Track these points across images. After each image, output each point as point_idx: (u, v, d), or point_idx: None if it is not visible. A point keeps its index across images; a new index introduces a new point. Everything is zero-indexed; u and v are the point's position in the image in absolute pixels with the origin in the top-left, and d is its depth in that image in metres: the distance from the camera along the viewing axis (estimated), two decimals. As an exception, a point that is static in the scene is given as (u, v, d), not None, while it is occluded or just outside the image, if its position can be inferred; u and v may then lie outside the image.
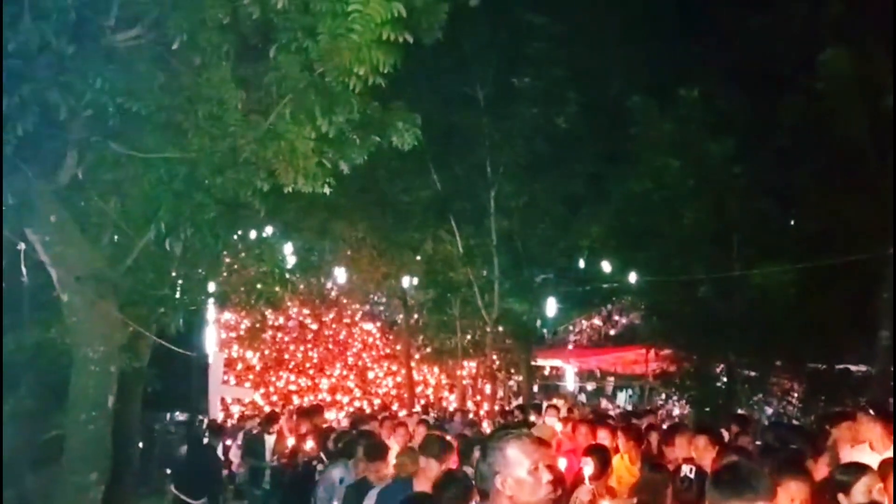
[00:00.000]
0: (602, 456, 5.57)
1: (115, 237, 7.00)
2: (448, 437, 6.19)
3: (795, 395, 18.01)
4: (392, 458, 5.98)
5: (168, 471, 13.03)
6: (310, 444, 8.91)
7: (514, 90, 17.72)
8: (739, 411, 15.28)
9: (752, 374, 17.55)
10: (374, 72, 6.39)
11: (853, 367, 16.11)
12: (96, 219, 6.88)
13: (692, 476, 4.15)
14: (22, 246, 6.34)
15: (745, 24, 14.97)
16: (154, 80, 5.97)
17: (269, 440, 11.01)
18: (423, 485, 4.79)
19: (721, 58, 15.35)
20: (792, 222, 16.22)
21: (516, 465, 2.66)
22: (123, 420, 8.34)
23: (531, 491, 2.63)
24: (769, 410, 17.87)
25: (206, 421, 15.64)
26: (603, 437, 7.33)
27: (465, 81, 17.93)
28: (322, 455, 8.48)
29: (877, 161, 13.28)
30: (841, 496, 4.08)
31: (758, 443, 6.87)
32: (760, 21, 14.81)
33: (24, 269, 6.93)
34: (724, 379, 17.30)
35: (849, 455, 5.33)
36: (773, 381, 17.90)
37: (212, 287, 8.92)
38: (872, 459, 4.87)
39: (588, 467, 5.00)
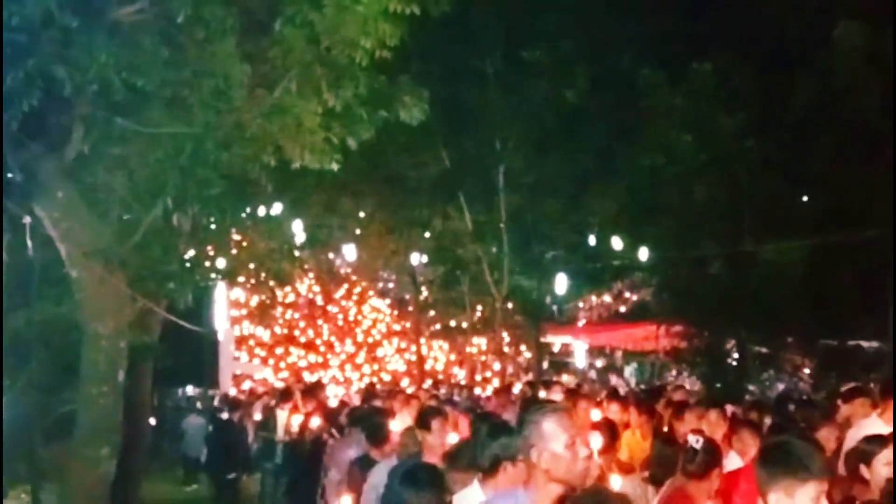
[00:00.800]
0: (611, 430, 5.55)
1: (123, 213, 7.00)
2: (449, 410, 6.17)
3: (807, 371, 17.98)
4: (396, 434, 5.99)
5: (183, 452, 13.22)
6: (316, 421, 8.94)
7: (524, 64, 17.53)
8: (750, 387, 15.31)
9: (764, 350, 17.53)
10: (381, 45, 6.34)
11: (865, 343, 16.06)
12: (103, 194, 6.86)
13: (698, 447, 4.13)
14: (28, 220, 6.35)
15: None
16: (159, 55, 5.93)
17: (282, 415, 11.09)
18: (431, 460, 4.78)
19: (734, 31, 15.16)
20: (804, 198, 16.07)
21: (553, 439, 2.65)
22: (134, 395, 8.39)
23: (567, 466, 2.64)
24: (780, 387, 17.84)
25: (216, 396, 15.79)
26: (613, 411, 7.33)
27: (473, 55, 17.73)
28: (332, 430, 8.51)
29: (889, 137, 13.12)
30: (862, 467, 4.07)
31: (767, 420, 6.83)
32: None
33: (31, 246, 6.94)
34: (735, 355, 17.28)
35: (861, 428, 5.31)
36: (784, 358, 17.87)
37: (221, 263, 8.93)
38: (884, 430, 4.86)
39: (596, 441, 4.99)
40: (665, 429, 7.06)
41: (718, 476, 4.17)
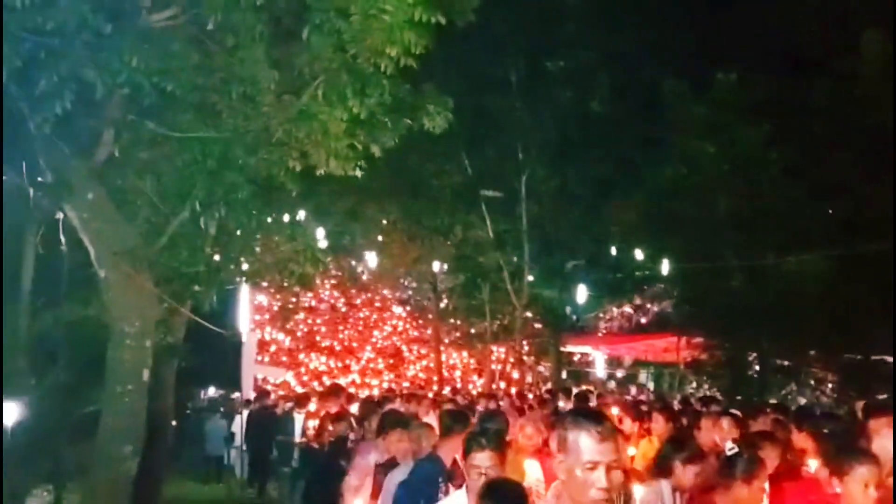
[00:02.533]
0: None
1: (151, 215, 7.12)
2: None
3: (829, 385, 17.77)
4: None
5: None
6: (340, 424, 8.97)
7: (547, 73, 17.60)
8: (772, 401, 15.14)
9: (785, 363, 17.36)
10: (406, 53, 6.41)
11: (888, 358, 15.84)
12: (132, 196, 6.99)
13: (730, 454, 4.12)
14: (60, 215, 6.48)
15: (781, 7, 14.69)
16: (189, 61, 6.04)
17: (299, 419, 11.19)
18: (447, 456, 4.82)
19: (757, 41, 15.11)
20: (828, 209, 15.96)
21: (574, 454, 2.35)
22: (157, 395, 8.50)
23: (577, 489, 2.34)
24: (802, 400, 17.66)
25: (239, 398, 15.92)
26: (627, 423, 7.31)
27: (497, 64, 17.82)
28: (353, 435, 8.54)
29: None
30: None
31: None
32: (799, 3, 14.52)
33: (64, 246, 7.08)
34: (757, 368, 17.12)
35: (886, 441, 5.26)
36: (806, 371, 17.68)
37: (245, 266, 9.03)
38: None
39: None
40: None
41: (759, 486, 4.05)
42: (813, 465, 5.17)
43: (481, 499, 3.09)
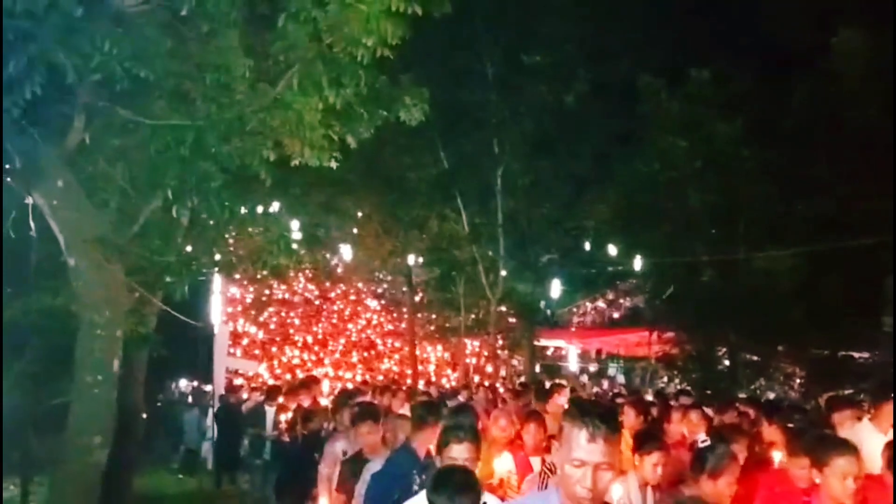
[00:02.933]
0: None
1: (122, 203, 7.01)
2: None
3: (798, 380, 18.05)
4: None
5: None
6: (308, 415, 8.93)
7: (523, 67, 17.63)
8: (741, 395, 15.33)
9: (755, 358, 17.59)
10: (383, 44, 6.37)
11: (856, 354, 16.13)
12: (103, 184, 6.87)
13: (702, 447, 4.16)
14: (30, 203, 6.36)
15: (757, 4, 14.85)
16: (162, 46, 5.94)
17: (270, 412, 11.12)
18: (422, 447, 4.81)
19: (732, 38, 15.26)
20: (798, 206, 16.19)
21: (565, 448, 2.30)
22: (128, 386, 8.39)
23: (565, 483, 2.28)
24: (771, 395, 17.93)
25: (212, 390, 15.81)
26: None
27: (474, 57, 17.84)
28: (326, 426, 8.51)
29: (889, 144, 13.20)
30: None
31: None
32: (773, 1, 14.68)
33: (32, 234, 6.95)
34: (727, 362, 17.34)
35: (849, 432, 5.35)
36: (775, 366, 17.94)
37: (218, 257, 8.95)
38: (874, 436, 4.92)
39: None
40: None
41: (728, 481, 4.01)
42: (777, 456, 5.26)
43: (433, 489, 3.05)
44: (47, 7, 5.02)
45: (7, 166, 6.50)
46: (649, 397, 12.17)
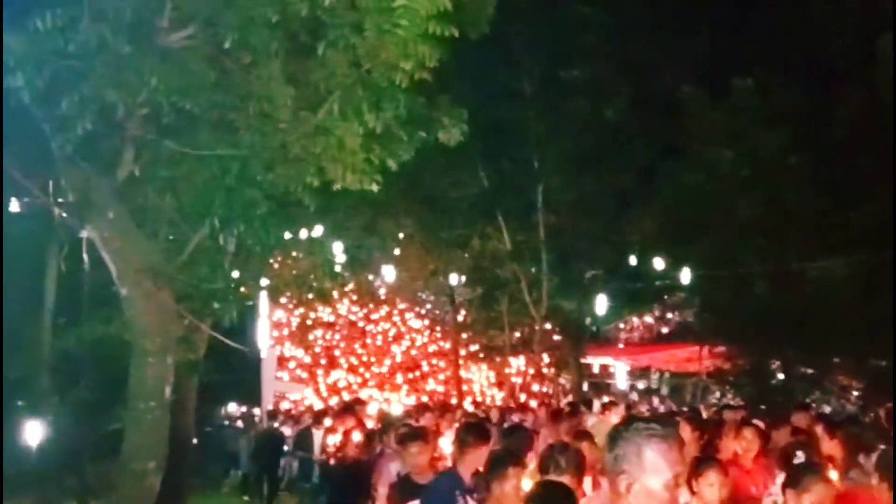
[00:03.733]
0: None
1: (171, 232, 7.17)
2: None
3: (854, 392, 17.52)
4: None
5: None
6: (356, 438, 8.96)
7: (562, 83, 17.58)
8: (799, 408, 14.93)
9: (810, 371, 17.14)
10: (421, 67, 6.42)
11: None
12: (152, 214, 7.05)
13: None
14: (83, 236, 6.54)
15: (801, 12, 14.60)
16: (206, 79, 6.09)
17: (318, 435, 11.18)
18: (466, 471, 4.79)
19: (775, 47, 15.02)
20: (850, 215, 15.77)
21: (652, 472, 2.17)
22: (179, 411, 8.54)
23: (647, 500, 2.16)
24: (827, 409, 17.41)
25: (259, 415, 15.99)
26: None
27: (512, 75, 17.86)
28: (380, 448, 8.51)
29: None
30: None
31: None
32: (817, 8, 14.42)
33: (85, 266, 7.15)
34: (781, 376, 16.92)
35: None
36: (831, 379, 17.45)
37: (264, 282, 9.08)
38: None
39: None
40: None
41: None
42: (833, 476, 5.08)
43: (530, 500, 3.04)
44: (98, 47, 5.19)
45: (61, 200, 6.72)
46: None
